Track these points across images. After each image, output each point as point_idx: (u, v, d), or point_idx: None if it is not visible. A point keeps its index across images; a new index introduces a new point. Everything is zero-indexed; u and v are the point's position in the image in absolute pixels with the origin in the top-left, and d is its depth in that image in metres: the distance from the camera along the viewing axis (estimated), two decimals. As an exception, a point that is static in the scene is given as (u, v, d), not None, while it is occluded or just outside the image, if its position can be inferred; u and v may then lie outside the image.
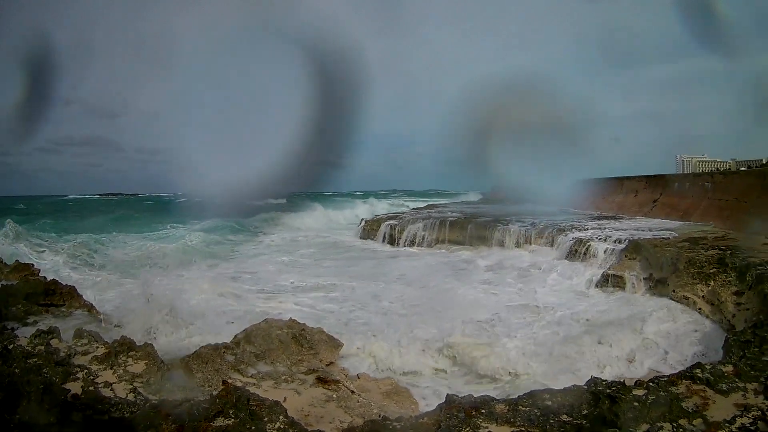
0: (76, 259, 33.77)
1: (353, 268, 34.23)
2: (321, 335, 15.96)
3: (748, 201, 29.10)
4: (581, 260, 29.16)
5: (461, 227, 41.83)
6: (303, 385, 12.84)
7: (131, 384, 10.39)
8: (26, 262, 24.51)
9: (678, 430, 7.27)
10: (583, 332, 19.27)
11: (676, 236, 27.41)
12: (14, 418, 6.98)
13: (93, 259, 34.97)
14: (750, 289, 17.33)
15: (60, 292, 19.35)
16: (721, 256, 20.56)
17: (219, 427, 7.53)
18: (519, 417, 8.17)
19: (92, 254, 35.77)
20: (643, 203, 42.36)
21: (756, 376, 8.52)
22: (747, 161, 63.31)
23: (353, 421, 10.99)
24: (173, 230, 52.27)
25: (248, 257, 40.85)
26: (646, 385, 8.53)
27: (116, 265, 33.92)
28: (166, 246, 42.53)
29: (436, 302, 23.13)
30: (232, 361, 13.52)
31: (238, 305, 24.70)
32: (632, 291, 23.75)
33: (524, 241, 35.96)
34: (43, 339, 11.68)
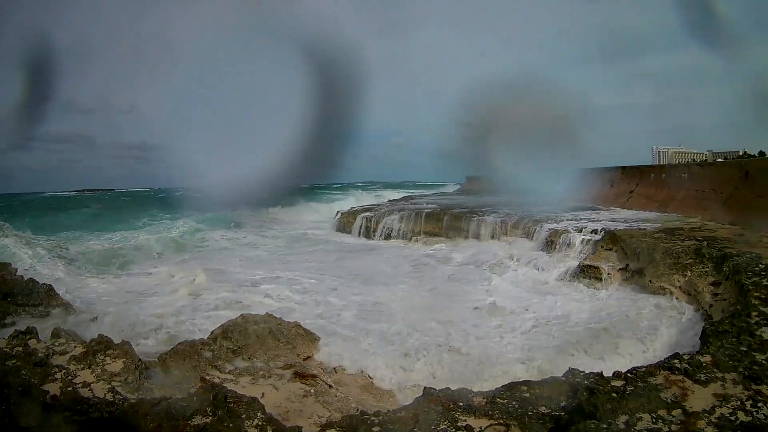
0: (58, 258, 33.23)
1: (310, 264, 33.76)
2: (298, 329, 15.90)
3: (724, 192, 29.27)
4: (558, 251, 29.12)
5: (437, 219, 41.66)
6: (280, 381, 12.78)
7: (109, 383, 10.31)
8: (6, 261, 24.25)
9: (657, 421, 7.25)
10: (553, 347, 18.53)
11: (653, 227, 27.47)
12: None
13: (69, 254, 34.51)
14: (727, 280, 17.40)
15: (37, 291, 19.24)
16: (697, 246, 20.62)
17: (197, 425, 7.46)
18: (497, 410, 8.16)
19: (65, 250, 35.26)
20: (620, 194, 42.45)
21: (734, 366, 8.53)
22: (724, 153, 63.70)
23: (331, 416, 10.95)
24: (156, 223, 51.86)
25: (214, 250, 41.10)
26: (624, 377, 8.51)
27: (91, 260, 33.55)
28: (147, 237, 42.21)
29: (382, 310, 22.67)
30: (210, 358, 13.44)
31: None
32: (608, 282, 23.78)
33: (501, 233, 35.83)
34: (21, 340, 11.58)
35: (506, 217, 36.03)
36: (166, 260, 36.07)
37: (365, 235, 45.57)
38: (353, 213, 51.58)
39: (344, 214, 52.86)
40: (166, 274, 29.75)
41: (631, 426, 7.18)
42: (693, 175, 34.38)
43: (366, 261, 34.40)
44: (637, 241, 23.97)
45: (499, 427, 7.80)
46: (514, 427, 7.78)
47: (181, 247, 41.59)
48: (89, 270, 31.43)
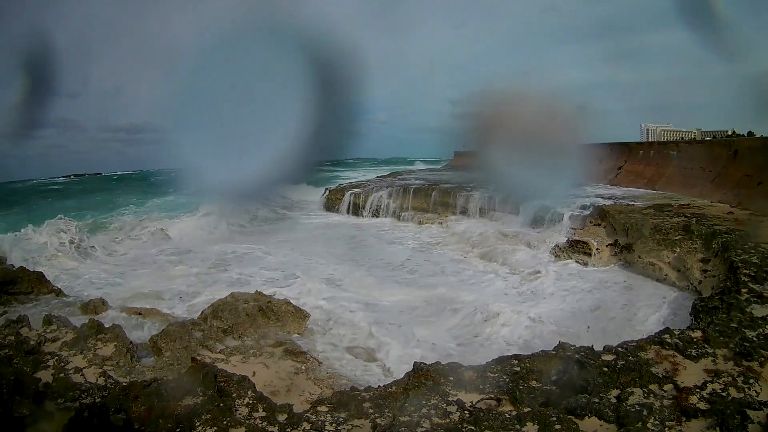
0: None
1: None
2: (287, 307, 15.87)
3: (713, 170, 29.31)
4: (546, 227, 29.05)
5: (425, 194, 41.35)
6: (271, 359, 12.79)
7: (101, 368, 10.33)
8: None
9: (649, 395, 7.28)
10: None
11: (642, 203, 27.43)
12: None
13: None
14: (716, 257, 17.46)
15: (28, 279, 19.22)
16: (686, 223, 20.64)
17: (188, 405, 7.44)
18: (488, 383, 8.16)
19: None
20: (608, 171, 42.32)
21: (725, 342, 8.57)
22: (713, 132, 63.62)
23: (323, 392, 10.96)
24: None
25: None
26: (615, 351, 8.54)
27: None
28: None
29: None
30: (200, 338, 13.42)
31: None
32: (597, 257, 23.80)
33: (488, 208, 35.69)
34: (13, 329, 11.58)
35: (494, 193, 35.74)
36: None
37: (354, 213, 45.21)
38: (341, 190, 50.42)
39: (332, 191, 51.54)
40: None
41: (622, 400, 7.20)
42: (682, 153, 34.34)
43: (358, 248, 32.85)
44: (626, 217, 23.96)
45: (490, 401, 7.80)
46: (506, 401, 7.77)
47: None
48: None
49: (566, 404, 7.15)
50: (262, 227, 38.77)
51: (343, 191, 49.34)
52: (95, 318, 14.00)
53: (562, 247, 25.64)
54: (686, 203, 26.23)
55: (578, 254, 24.52)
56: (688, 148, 34.87)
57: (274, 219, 41.49)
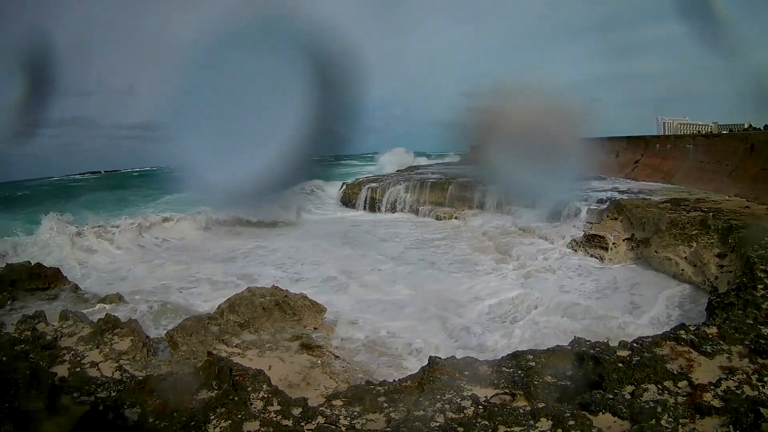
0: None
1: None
2: (304, 301, 15.91)
3: (730, 164, 29.12)
4: (563, 221, 29.00)
5: (442, 189, 41.44)
6: (287, 353, 12.84)
7: (117, 362, 10.40)
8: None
9: (663, 392, 7.26)
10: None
11: (658, 198, 27.25)
12: (4, 407, 6.92)
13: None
14: (732, 252, 17.37)
15: (45, 274, 19.36)
16: (703, 217, 20.48)
17: (202, 399, 7.48)
18: (503, 378, 8.18)
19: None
20: (625, 164, 42.07)
21: (740, 339, 8.51)
22: (729, 125, 63.03)
23: (338, 386, 11.00)
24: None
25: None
26: (630, 346, 8.52)
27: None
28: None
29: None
30: (216, 332, 13.49)
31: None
32: (614, 251, 23.73)
33: (504, 202, 35.49)
34: (30, 324, 11.69)
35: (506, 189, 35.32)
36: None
37: (371, 208, 44.98)
38: (358, 184, 50.68)
39: (349, 186, 51.57)
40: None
41: (637, 397, 7.20)
42: (698, 147, 34.02)
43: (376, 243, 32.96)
44: (642, 211, 23.83)
45: (504, 396, 7.82)
46: (520, 396, 7.79)
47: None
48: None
49: (580, 400, 7.16)
50: (271, 227, 38.36)
51: (360, 186, 49.12)
52: (111, 313, 14.09)
53: (579, 241, 25.56)
54: (703, 197, 26.06)
55: (595, 248, 24.44)
56: (704, 142, 34.59)
57: (284, 217, 40.26)
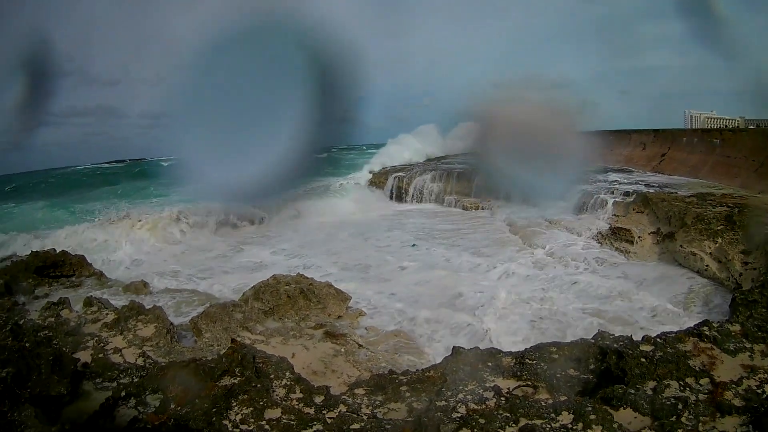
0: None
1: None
2: (329, 289, 15.98)
3: (756, 160, 28.85)
4: (590, 212, 28.86)
5: (468, 179, 40.60)
6: (311, 341, 12.93)
7: (140, 348, 10.52)
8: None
9: (685, 389, 7.25)
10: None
11: (684, 192, 26.98)
12: (26, 392, 7.03)
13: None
14: (757, 249, 17.25)
15: (69, 262, 19.57)
16: (729, 213, 20.37)
17: (225, 386, 7.54)
18: (525, 371, 8.19)
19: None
20: (651, 157, 41.69)
21: (763, 338, 8.45)
22: (756, 120, 62.31)
23: (361, 375, 11.07)
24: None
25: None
26: (653, 341, 8.50)
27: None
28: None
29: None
30: (241, 319, 13.60)
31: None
32: (639, 245, 23.62)
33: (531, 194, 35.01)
34: (54, 311, 11.84)
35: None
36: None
37: (397, 198, 44.59)
38: (384, 173, 50.46)
39: (375, 175, 51.12)
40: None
41: (658, 393, 7.20)
42: (725, 141, 33.67)
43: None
44: (668, 205, 23.67)
45: (527, 389, 7.84)
46: (542, 388, 7.81)
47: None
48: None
49: (602, 394, 7.17)
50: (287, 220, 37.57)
51: (387, 174, 48.62)
52: (136, 299, 14.24)
53: (605, 234, 25.47)
54: (729, 193, 25.83)
55: (620, 242, 24.35)
56: (731, 137, 34.22)
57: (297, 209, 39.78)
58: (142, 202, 42.50)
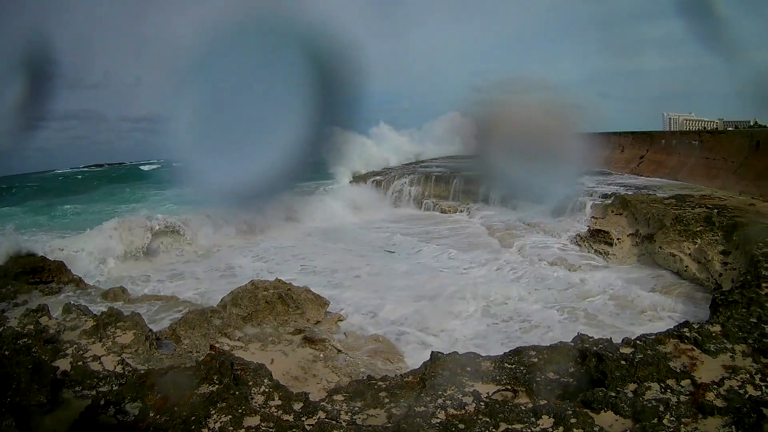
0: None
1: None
2: (307, 294, 15.94)
3: (735, 161, 29.07)
4: (568, 215, 28.89)
5: (446, 182, 41.49)
6: (290, 346, 12.88)
7: (119, 356, 10.39)
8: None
9: (666, 390, 7.24)
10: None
11: (663, 194, 27.15)
12: (5, 402, 6.93)
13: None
14: (737, 249, 17.36)
15: (48, 268, 19.47)
16: (708, 214, 20.44)
17: (203, 394, 7.49)
18: (505, 375, 8.16)
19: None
20: (630, 159, 41.96)
21: (744, 338, 8.48)
22: (735, 122, 62.97)
23: (340, 380, 11.03)
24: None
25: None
26: (633, 344, 8.50)
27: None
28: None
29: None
30: (219, 325, 13.55)
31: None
32: (618, 247, 23.73)
33: (509, 196, 35.35)
34: (33, 318, 11.69)
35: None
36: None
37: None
38: (363, 177, 50.23)
39: (354, 178, 51.34)
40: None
41: (639, 395, 7.18)
42: (704, 143, 33.91)
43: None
44: (647, 207, 23.78)
45: (506, 393, 7.81)
46: (522, 392, 7.79)
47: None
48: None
49: (582, 397, 7.14)
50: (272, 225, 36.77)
51: (365, 179, 48.87)
52: (115, 306, 14.12)
53: (583, 236, 25.59)
54: (708, 194, 26.01)
55: (599, 244, 24.47)
56: (710, 139, 34.47)
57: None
58: (121, 207, 42.56)
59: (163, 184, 54.81)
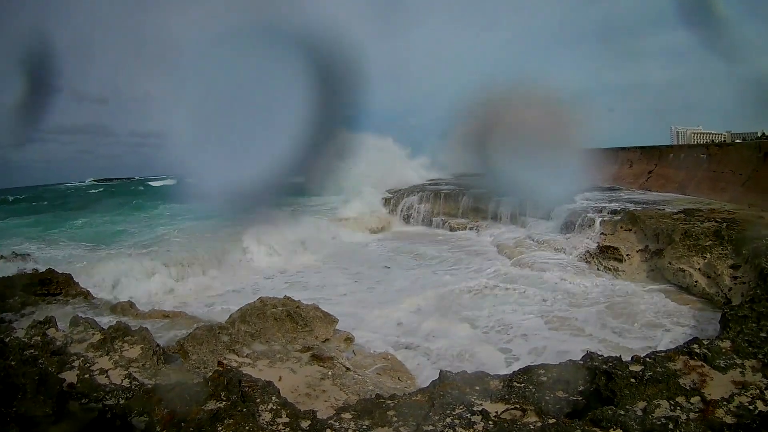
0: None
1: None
2: (316, 312, 15.91)
3: (743, 173, 29.01)
4: (577, 232, 28.87)
5: (455, 200, 41.57)
6: (298, 363, 12.84)
7: (126, 369, 10.39)
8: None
9: (675, 408, 7.20)
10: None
11: (672, 209, 27.12)
12: (11, 412, 6.94)
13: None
14: (746, 263, 17.30)
15: (56, 280, 19.48)
16: (717, 228, 20.47)
17: (211, 410, 7.45)
18: (514, 394, 8.12)
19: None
20: (638, 174, 41.99)
21: (754, 353, 8.44)
22: (742, 134, 62.89)
23: (348, 398, 10.99)
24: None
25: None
26: (642, 361, 8.46)
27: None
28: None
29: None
30: (227, 342, 13.51)
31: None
32: (628, 263, 23.72)
33: (519, 213, 35.60)
34: (40, 329, 11.71)
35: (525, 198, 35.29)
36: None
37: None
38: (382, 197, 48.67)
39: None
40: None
41: (648, 413, 7.14)
42: (712, 157, 33.91)
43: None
44: (656, 222, 23.84)
45: (515, 412, 7.76)
46: (531, 411, 7.74)
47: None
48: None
49: (591, 416, 7.10)
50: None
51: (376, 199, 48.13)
52: (122, 320, 14.13)
53: (593, 252, 25.55)
54: (716, 207, 25.97)
55: (609, 260, 24.50)
56: (717, 152, 34.45)
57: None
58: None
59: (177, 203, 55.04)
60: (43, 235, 39.70)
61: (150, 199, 63.27)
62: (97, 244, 34.37)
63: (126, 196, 76.88)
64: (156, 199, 61.84)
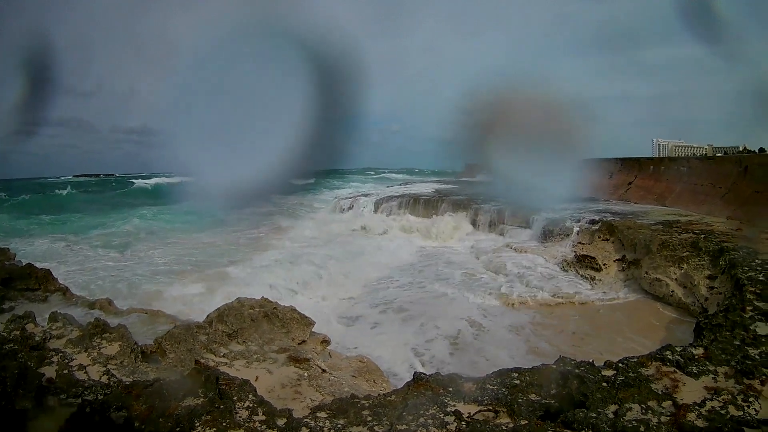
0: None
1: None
2: (293, 313, 15.88)
3: (723, 187, 29.28)
4: (555, 240, 29.07)
5: (434, 206, 41.67)
6: (274, 364, 12.83)
7: (105, 366, 10.36)
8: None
9: (647, 411, 7.28)
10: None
11: (650, 219, 27.35)
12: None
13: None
14: (723, 274, 17.47)
15: (35, 275, 19.32)
16: (694, 239, 20.63)
17: (188, 406, 7.48)
18: (486, 395, 8.18)
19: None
20: (618, 185, 42.30)
21: (727, 360, 8.56)
22: (724, 147, 63.52)
23: (323, 399, 11.00)
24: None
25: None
26: (615, 366, 8.55)
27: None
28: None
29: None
30: (205, 341, 13.48)
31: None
32: (604, 272, 23.92)
33: (498, 221, 35.77)
34: (19, 324, 11.65)
35: (503, 206, 35.69)
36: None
37: (361, 225, 43.99)
38: (351, 199, 50.14)
39: (341, 200, 51.02)
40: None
41: (620, 416, 7.21)
42: (692, 169, 34.22)
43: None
44: (634, 232, 24.03)
45: (487, 413, 7.82)
46: (503, 413, 7.80)
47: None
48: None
49: (563, 418, 7.17)
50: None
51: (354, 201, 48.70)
52: (101, 317, 14.09)
53: (570, 261, 25.75)
54: (695, 220, 26.22)
55: (585, 269, 24.66)
56: (698, 164, 34.81)
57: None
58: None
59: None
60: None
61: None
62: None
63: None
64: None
